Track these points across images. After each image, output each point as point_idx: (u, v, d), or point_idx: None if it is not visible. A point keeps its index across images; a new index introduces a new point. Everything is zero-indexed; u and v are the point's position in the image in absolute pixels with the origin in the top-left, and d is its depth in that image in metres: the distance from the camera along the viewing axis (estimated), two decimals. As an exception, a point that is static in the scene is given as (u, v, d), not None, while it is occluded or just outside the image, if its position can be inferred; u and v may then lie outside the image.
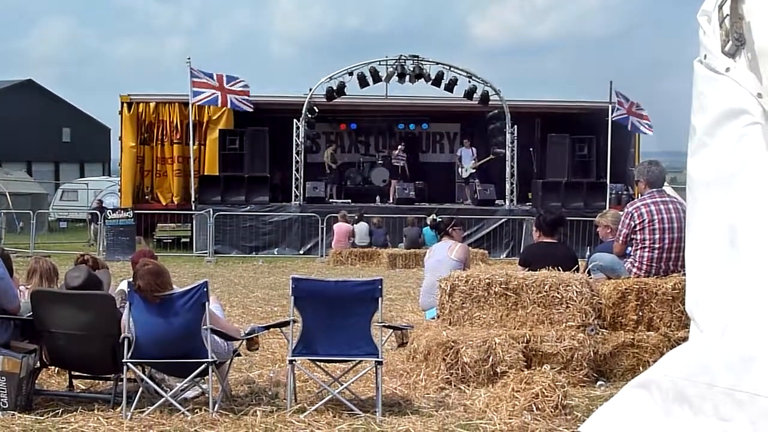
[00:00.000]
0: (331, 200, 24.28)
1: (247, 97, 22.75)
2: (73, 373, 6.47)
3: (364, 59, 22.95)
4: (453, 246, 8.77)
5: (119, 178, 25.67)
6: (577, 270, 7.49)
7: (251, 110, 22.96)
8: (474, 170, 24.41)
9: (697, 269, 2.67)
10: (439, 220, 9.95)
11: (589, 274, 7.51)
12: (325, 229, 21.17)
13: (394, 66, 22.59)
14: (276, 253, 21.74)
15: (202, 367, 5.71)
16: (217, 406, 5.72)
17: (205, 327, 5.74)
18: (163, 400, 5.74)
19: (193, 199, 22.73)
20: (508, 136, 23.33)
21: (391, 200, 24.01)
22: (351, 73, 22.57)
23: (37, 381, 6.14)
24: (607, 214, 8.90)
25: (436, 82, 22.84)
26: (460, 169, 24.69)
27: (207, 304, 5.77)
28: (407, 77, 22.71)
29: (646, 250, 7.27)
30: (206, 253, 20.93)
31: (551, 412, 5.50)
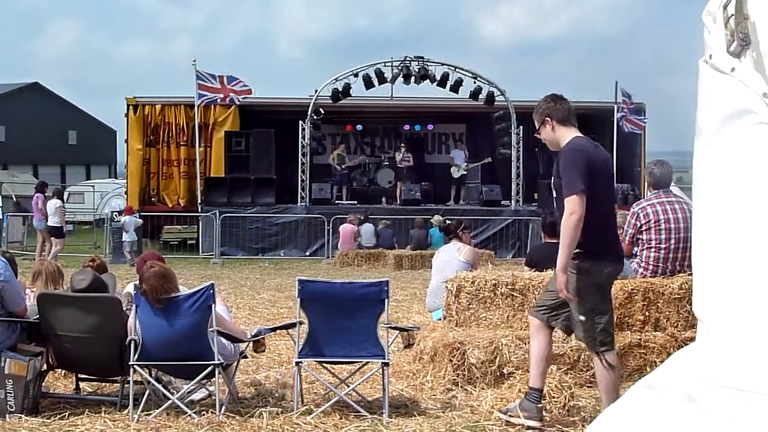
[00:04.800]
0: (336, 202, 24.26)
1: (248, 96, 22.84)
2: (79, 375, 6.48)
3: (371, 60, 22.95)
4: (462, 248, 8.68)
5: (125, 181, 25.69)
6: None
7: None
8: (465, 172, 24.40)
9: (703, 269, 2.65)
10: (448, 222, 9.89)
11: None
12: (331, 230, 21.19)
13: (400, 67, 22.57)
14: (282, 254, 21.73)
15: (209, 369, 5.71)
16: (223, 408, 5.72)
17: (211, 329, 5.74)
18: (169, 402, 5.74)
19: (199, 201, 22.71)
20: (513, 136, 23.29)
21: (397, 201, 23.97)
22: (356, 75, 22.56)
23: (43, 384, 6.16)
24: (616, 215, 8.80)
25: (442, 83, 22.81)
26: (452, 170, 24.65)
27: (213, 306, 5.77)
28: (412, 78, 22.67)
29: (653, 250, 7.24)
30: (212, 254, 20.94)
31: (558, 413, 5.49)
